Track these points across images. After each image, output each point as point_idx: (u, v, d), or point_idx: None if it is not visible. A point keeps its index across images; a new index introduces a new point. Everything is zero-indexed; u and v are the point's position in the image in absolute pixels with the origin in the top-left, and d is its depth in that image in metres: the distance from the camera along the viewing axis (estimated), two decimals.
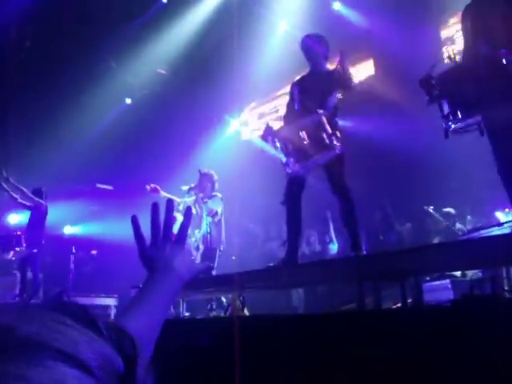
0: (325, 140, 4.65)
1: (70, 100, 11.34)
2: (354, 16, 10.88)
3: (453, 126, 3.97)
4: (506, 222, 4.99)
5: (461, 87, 3.77)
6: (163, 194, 7.44)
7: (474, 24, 4.06)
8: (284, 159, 4.87)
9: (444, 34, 10.02)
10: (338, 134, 4.84)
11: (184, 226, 1.32)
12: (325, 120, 4.69)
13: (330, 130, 4.66)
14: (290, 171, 4.96)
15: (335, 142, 4.67)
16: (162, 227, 1.28)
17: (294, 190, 5.06)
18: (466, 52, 4.12)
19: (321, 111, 4.78)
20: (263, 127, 5.20)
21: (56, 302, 0.56)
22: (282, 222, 5.86)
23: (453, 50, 4.39)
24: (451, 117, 3.90)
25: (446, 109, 3.89)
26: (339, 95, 5.17)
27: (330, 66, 5.40)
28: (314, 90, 5.14)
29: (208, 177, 7.57)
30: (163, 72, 12.90)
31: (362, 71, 11.46)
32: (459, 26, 4.48)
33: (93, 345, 0.51)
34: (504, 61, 3.52)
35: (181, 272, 1.24)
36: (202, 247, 7.36)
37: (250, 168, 10.69)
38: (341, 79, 5.05)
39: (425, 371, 3.04)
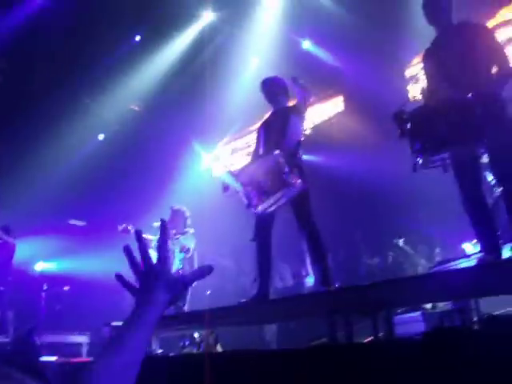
0: (282, 178, 4.70)
1: (42, 135, 11.28)
2: (323, 54, 11.12)
3: (421, 161, 4.07)
4: (473, 254, 5.08)
5: (431, 125, 3.89)
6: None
7: (435, 66, 4.24)
8: (246, 202, 4.90)
9: (408, 72, 10.27)
10: (297, 170, 4.89)
11: (163, 242, 1.31)
12: (280, 159, 4.74)
13: (286, 169, 4.71)
14: (255, 212, 5.01)
15: (294, 180, 4.71)
16: (140, 261, 1.28)
17: (262, 225, 5.10)
18: (430, 93, 4.28)
19: (276, 151, 4.85)
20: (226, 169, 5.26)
21: (5, 354, 0.60)
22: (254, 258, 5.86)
23: (418, 89, 4.56)
24: (421, 152, 3.99)
25: (417, 144, 3.99)
26: (303, 128, 5.28)
27: (291, 102, 5.55)
28: (275, 128, 5.26)
29: (180, 213, 7.58)
30: (136, 108, 12.96)
31: (332, 107, 11.69)
32: (421, 66, 4.64)
33: None
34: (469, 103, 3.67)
35: (160, 298, 1.23)
36: None
37: (221, 203, 10.72)
38: (299, 103, 5.20)
39: None
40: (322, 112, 11.56)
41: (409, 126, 4.01)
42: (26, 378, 0.55)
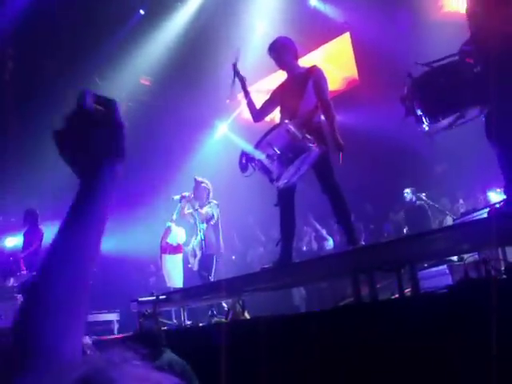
0: (297, 146, 4.64)
1: (56, 118, 11.31)
2: (330, 10, 10.91)
3: (426, 128, 3.97)
4: (498, 203, 4.99)
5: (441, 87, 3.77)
6: None
7: None
8: (268, 177, 4.84)
9: None
10: (315, 134, 4.81)
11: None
12: (291, 128, 4.67)
13: (300, 135, 4.64)
14: (278, 186, 4.96)
15: (310, 145, 4.65)
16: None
17: (285, 190, 5.07)
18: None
19: (286, 121, 4.78)
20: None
21: None
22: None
23: None
24: (427, 119, 3.90)
25: (419, 111, 3.90)
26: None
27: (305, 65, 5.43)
28: (292, 95, 5.16)
29: (203, 185, 7.56)
30: (147, 82, 12.90)
31: (344, 65, 11.53)
32: None
33: None
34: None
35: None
36: (199, 254, 7.36)
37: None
38: (317, 88, 5.11)
39: (424, 357, 3.04)
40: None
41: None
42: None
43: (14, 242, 10.50)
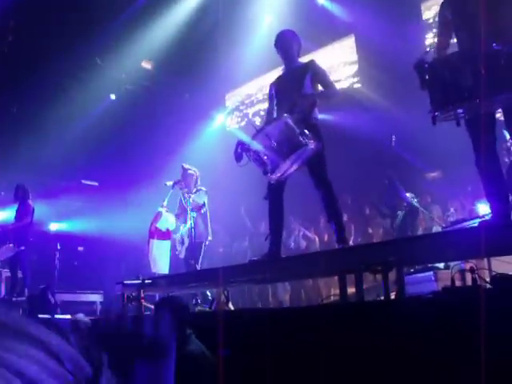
0: (294, 141, 4.64)
1: (54, 96, 11.25)
2: (338, 10, 10.90)
3: (440, 113, 3.91)
4: (487, 214, 5.03)
5: (455, 76, 3.73)
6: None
7: (458, 15, 4.06)
8: (262, 169, 4.83)
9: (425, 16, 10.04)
10: (312, 130, 4.81)
11: None
12: (289, 122, 4.67)
13: (297, 130, 4.64)
14: (271, 181, 4.95)
15: (307, 141, 4.65)
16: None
17: (275, 184, 5.07)
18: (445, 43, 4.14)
19: (285, 115, 4.78)
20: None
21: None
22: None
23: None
24: (441, 104, 3.83)
25: (437, 96, 3.83)
26: (318, 88, 5.18)
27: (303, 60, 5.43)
28: (290, 88, 5.16)
29: (190, 172, 7.59)
30: (148, 67, 12.85)
31: (346, 63, 11.53)
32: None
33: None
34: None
35: None
36: (187, 241, 7.37)
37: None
38: (319, 80, 5.12)
39: (406, 361, 3.06)
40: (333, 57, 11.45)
41: (428, 76, 3.85)
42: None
43: (2, 215, 10.46)
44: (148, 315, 5.10)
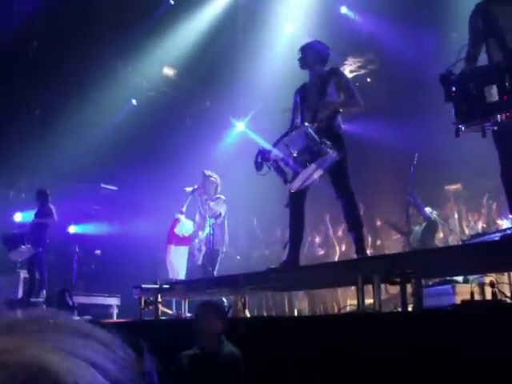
0: (314, 150, 4.63)
1: (75, 100, 11.35)
2: (360, 20, 10.89)
3: (464, 127, 3.86)
4: (509, 229, 4.99)
5: (484, 90, 3.68)
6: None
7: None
8: (282, 178, 4.82)
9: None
10: (334, 140, 4.77)
11: None
12: (310, 130, 4.66)
13: (318, 138, 4.62)
14: (292, 189, 4.95)
15: (327, 149, 4.63)
16: None
17: (298, 194, 5.07)
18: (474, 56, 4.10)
19: (306, 124, 4.78)
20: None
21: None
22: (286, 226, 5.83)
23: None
24: (467, 117, 3.78)
25: (463, 108, 3.77)
26: (342, 96, 5.16)
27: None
28: (312, 96, 5.17)
29: (212, 179, 7.57)
30: (170, 73, 12.93)
31: (368, 73, 11.52)
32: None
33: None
34: None
35: None
36: (204, 248, 7.38)
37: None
38: (342, 88, 5.12)
39: (423, 374, 3.04)
40: None
41: (454, 88, 3.81)
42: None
43: (22, 217, 10.56)
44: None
